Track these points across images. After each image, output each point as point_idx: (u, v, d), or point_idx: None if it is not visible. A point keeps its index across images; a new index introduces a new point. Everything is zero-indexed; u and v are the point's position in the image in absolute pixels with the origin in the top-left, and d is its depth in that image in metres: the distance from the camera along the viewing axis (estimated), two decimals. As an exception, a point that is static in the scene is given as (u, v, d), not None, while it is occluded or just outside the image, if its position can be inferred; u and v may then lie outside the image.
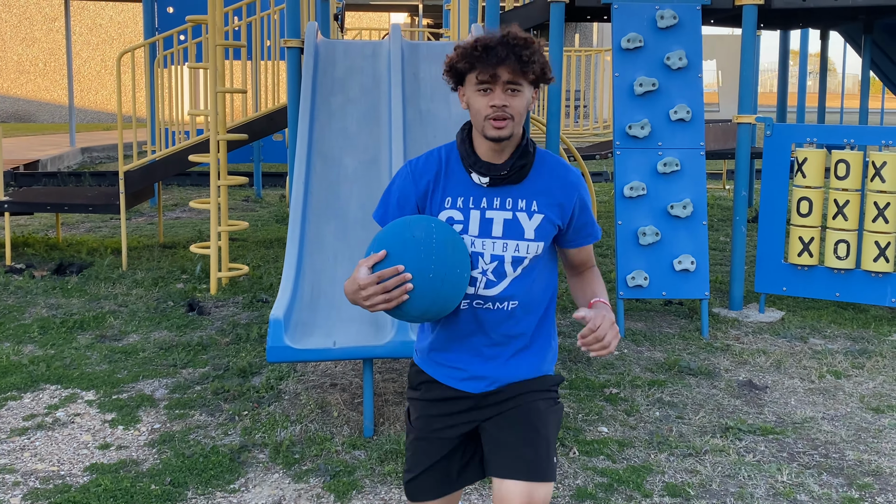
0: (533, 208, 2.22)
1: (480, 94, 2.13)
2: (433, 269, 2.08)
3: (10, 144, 15.74)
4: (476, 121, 2.17)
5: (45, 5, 24.16)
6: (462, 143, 2.24)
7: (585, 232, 2.33)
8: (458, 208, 2.22)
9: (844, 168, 5.81)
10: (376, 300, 2.07)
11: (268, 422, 4.15)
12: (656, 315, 6.14)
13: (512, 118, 2.12)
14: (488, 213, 2.21)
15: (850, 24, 8.55)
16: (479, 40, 2.11)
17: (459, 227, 2.21)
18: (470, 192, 2.23)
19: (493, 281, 2.22)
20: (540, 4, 6.56)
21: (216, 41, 6.55)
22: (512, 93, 2.11)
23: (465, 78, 2.17)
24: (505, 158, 2.20)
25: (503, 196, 2.22)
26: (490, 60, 2.08)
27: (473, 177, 2.22)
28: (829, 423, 4.26)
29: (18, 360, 5.01)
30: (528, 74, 2.11)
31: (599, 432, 4.10)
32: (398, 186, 2.29)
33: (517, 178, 2.21)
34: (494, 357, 2.30)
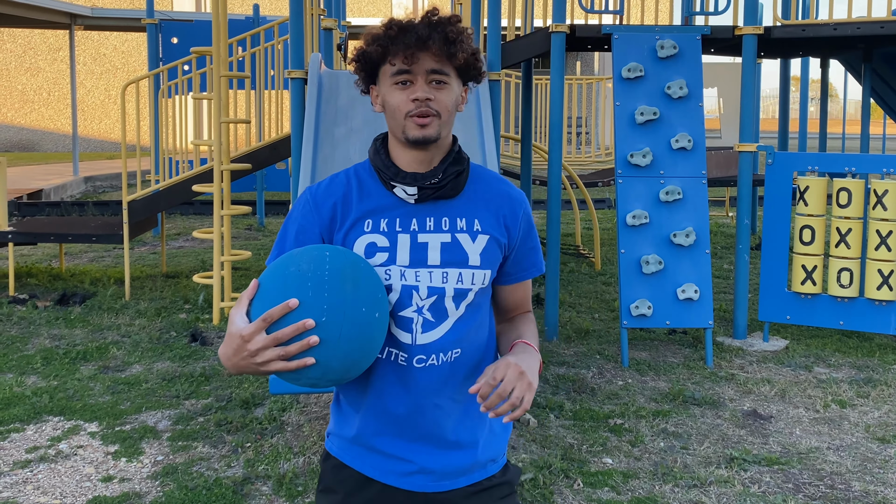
0: (476, 228, 1.78)
1: (398, 88, 1.71)
2: (328, 311, 1.57)
3: (13, 174, 15.81)
4: (394, 122, 1.73)
5: (49, 35, 24.36)
6: (377, 154, 1.79)
7: (529, 261, 1.88)
8: (382, 232, 1.76)
9: (846, 196, 5.82)
10: (268, 356, 1.55)
11: (271, 454, 4.13)
12: (660, 344, 6.13)
13: (438, 115, 1.71)
14: (421, 237, 1.76)
15: (850, 52, 8.60)
16: (394, 20, 1.72)
17: (385, 255, 1.74)
18: (395, 212, 1.77)
19: (431, 322, 1.75)
20: (541, 34, 6.61)
21: (220, 72, 6.60)
22: (437, 85, 1.71)
23: (377, 71, 1.76)
24: (433, 167, 1.77)
25: (437, 214, 1.77)
26: (409, 40, 1.68)
27: (397, 191, 1.76)
28: (834, 454, 4.24)
29: (21, 392, 5.00)
30: (457, 57, 1.70)
31: (604, 463, 4.08)
32: (295, 219, 1.81)
33: (452, 189, 1.78)
34: (448, 441, 1.81)
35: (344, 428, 1.85)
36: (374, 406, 1.79)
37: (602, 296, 7.60)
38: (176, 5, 24.65)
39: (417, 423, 1.78)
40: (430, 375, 1.77)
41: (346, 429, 1.84)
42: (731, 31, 6.31)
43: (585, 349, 5.94)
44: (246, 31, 8.58)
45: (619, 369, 5.52)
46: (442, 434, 1.80)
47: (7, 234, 7.49)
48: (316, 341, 1.55)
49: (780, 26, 6.60)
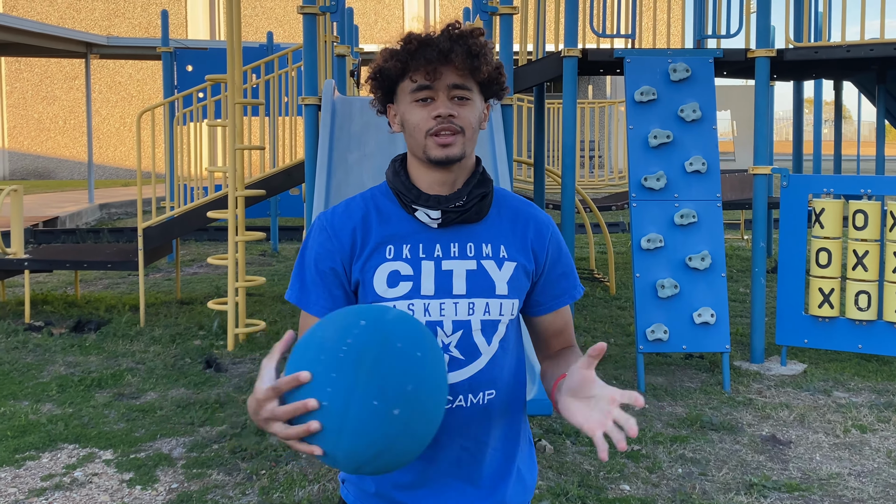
0: (502, 254, 1.67)
1: (418, 106, 1.61)
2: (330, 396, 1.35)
3: (29, 201, 15.93)
4: (414, 141, 1.63)
5: (65, 64, 24.65)
6: (397, 176, 1.68)
7: (561, 287, 1.75)
8: (405, 259, 1.63)
9: (862, 218, 5.78)
10: (275, 428, 1.39)
11: (286, 481, 4.11)
12: (677, 369, 6.08)
13: (462, 132, 1.60)
14: (445, 264, 1.64)
15: (863, 74, 8.59)
16: (413, 34, 1.61)
17: (409, 285, 1.62)
18: (417, 237, 1.65)
19: (459, 360, 1.62)
20: (553, 58, 6.63)
21: (235, 99, 6.64)
22: (460, 101, 1.61)
23: (395, 88, 1.65)
24: (457, 189, 1.66)
25: (461, 240, 1.66)
26: (430, 55, 1.57)
27: (419, 215, 1.65)
28: (855, 480, 4.18)
29: (37, 419, 5.00)
30: (480, 71, 1.60)
31: (621, 490, 4.03)
32: (313, 249, 1.68)
33: (477, 213, 1.66)
34: (474, 488, 1.67)
35: (363, 479, 1.69)
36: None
37: (617, 320, 7.56)
38: (191, 33, 24.92)
39: (442, 469, 1.65)
40: (457, 417, 1.63)
41: (366, 480, 1.69)
42: (743, 53, 6.31)
43: (601, 374, 5.90)
44: (260, 59, 8.65)
45: (635, 394, 5.47)
46: (468, 478, 1.67)
47: (23, 262, 7.53)
48: (316, 428, 1.35)
49: (793, 49, 6.60)
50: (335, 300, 1.67)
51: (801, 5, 7.34)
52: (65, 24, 23.88)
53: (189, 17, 25.27)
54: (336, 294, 1.67)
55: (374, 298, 1.63)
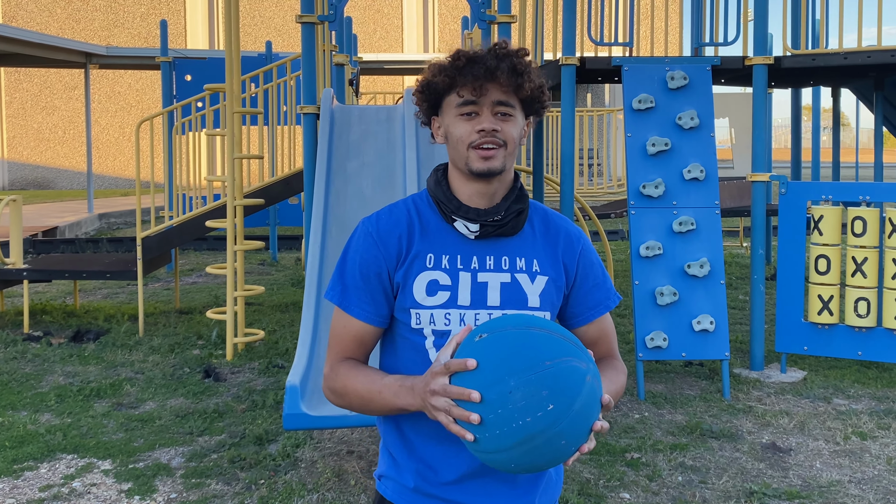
0: (535, 268, 1.75)
1: (463, 119, 1.69)
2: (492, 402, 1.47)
3: (29, 211, 15.93)
4: (457, 153, 1.71)
5: (65, 74, 24.69)
6: (438, 185, 1.75)
7: (595, 299, 1.82)
8: (444, 269, 1.71)
9: (861, 225, 5.78)
10: (438, 402, 1.53)
11: (284, 491, 4.10)
12: (677, 377, 6.07)
13: (504, 145, 1.68)
14: (481, 276, 1.72)
15: (861, 81, 8.60)
16: (462, 51, 1.69)
17: (446, 294, 1.70)
18: (455, 248, 1.73)
19: None
20: (551, 67, 6.64)
21: (233, 108, 6.65)
22: (503, 117, 1.69)
23: (442, 102, 1.73)
24: (496, 203, 1.74)
25: (497, 253, 1.74)
26: (477, 72, 1.66)
27: (458, 226, 1.73)
28: (856, 487, 4.17)
29: (35, 430, 4.99)
30: (524, 88, 1.68)
31: (621, 498, 4.02)
32: (358, 252, 1.75)
33: (513, 227, 1.74)
34: (508, 492, 1.75)
35: (402, 475, 1.77)
36: (432, 456, 1.73)
37: (617, 328, 7.54)
38: (189, 43, 24.96)
39: (480, 471, 1.72)
40: None
41: (404, 476, 1.76)
42: (741, 61, 6.32)
43: (601, 382, 5.88)
44: (259, 68, 8.67)
45: (635, 402, 5.47)
46: (503, 481, 1.73)
47: (22, 272, 7.52)
48: (476, 419, 1.47)
49: (790, 56, 6.61)
50: (377, 305, 1.75)
51: (799, 13, 7.36)
52: (64, 35, 23.92)
53: (188, 27, 25.32)
54: (378, 299, 1.74)
55: (412, 305, 1.71)
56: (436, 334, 1.71)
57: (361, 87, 17.52)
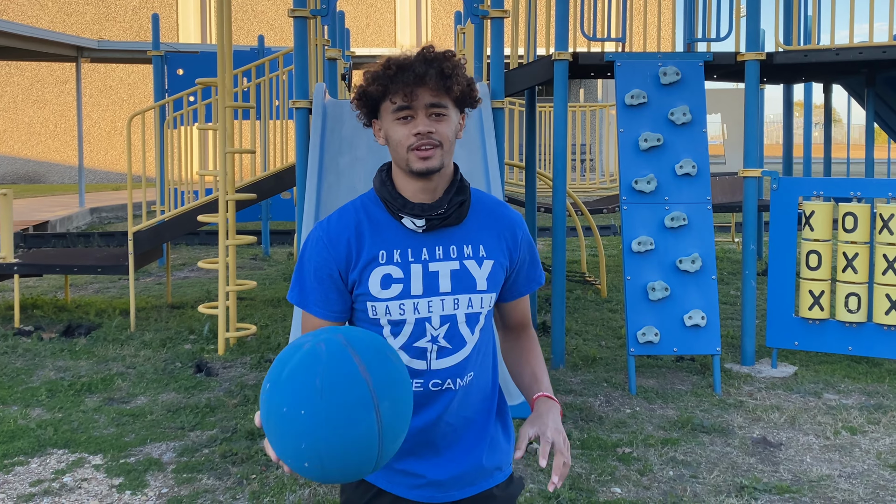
0: (481, 253, 1.90)
1: (400, 123, 1.80)
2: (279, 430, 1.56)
3: (20, 205, 15.87)
4: (398, 155, 1.83)
5: (56, 68, 24.58)
6: (383, 185, 1.88)
7: (531, 276, 2.00)
8: (396, 263, 1.85)
9: (852, 221, 5.81)
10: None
11: (276, 485, 4.10)
12: (668, 371, 6.09)
13: (440, 145, 1.80)
14: (432, 266, 1.86)
15: (853, 77, 8.62)
16: (392, 59, 1.81)
17: (399, 286, 1.84)
18: (405, 242, 1.87)
19: (447, 349, 1.88)
20: (544, 62, 6.63)
21: (225, 102, 6.63)
22: (437, 118, 1.80)
23: (378, 107, 1.85)
24: (438, 197, 1.87)
25: (444, 243, 1.88)
26: (407, 79, 1.77)
27: (405, 222, 1.86)
28: (846, 482, 4.19)
29: (26, 424, 4.98)
30: (453, 90, 1.80)
31: (612, 493, 4.03)
32: (311, 257, 1.88)
33: (457, 218, 1.88)
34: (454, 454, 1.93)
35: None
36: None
37: (609, 323, 7.57)
38: (181, 37, 24.88)
39: (427, 441, 1.90)
40: (444, 398, 1.89)
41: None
42: (733, 57, 6.33)
43: (592, 377, 5.90)
44: (251, 62, 8.64)
45: (626, 397, 5.48)
46: (449, 447, 1.92)
47: (13, 266, 7.50)
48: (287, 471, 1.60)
49: (783, 52, 6.62)
50: (331, 303, 1.89)
51: (791, 9, 7.37)
52: (55, 28, 23.81)
53: (180, 21, 25.23)
54: (331, 297, 1.89)
55: (369, 298, 1.86)
56: (391, 324, 1.87)
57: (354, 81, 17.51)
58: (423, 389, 1.87)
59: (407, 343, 1.87)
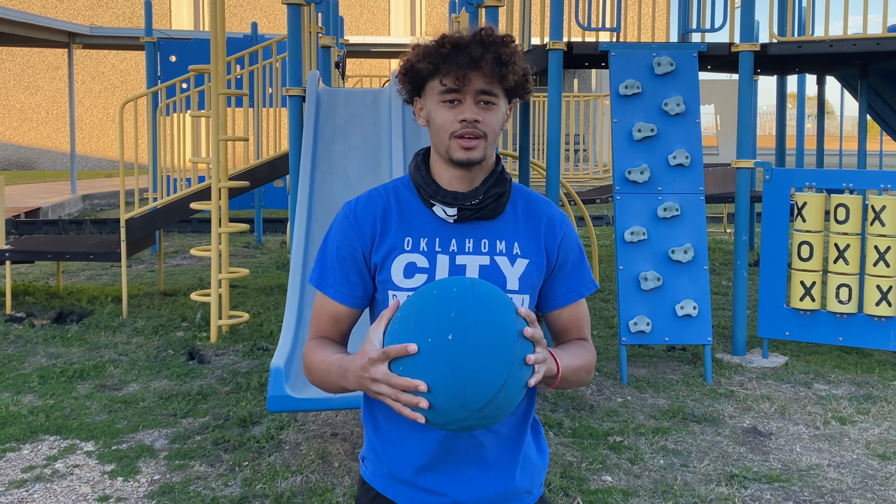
0: (515, 251, 1.74)
1: (446, 107, 1.68)
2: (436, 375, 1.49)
3: (11, 192, 15.81)
4: (438, 140, 1.71)
5: (48, 54, 24.44)
6: (418, 170, 1.76)
7: (576, 281, 1.82)
8: (422, 251, 1.72)
9: (844, 212, 5.83)
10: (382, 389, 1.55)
11: (268, 472, 4.11)
12: (659, 361, 6.11)
13: (485, 136, 1.68)
14: (459, 259, 1.72)
15: (846, 69, 8.63)
16: (447, 37, 1.67)
17: (423, 276, 1.71)
18: (434, 231, 1.74)
19: None
20: (539, 51, 6.63)
21: (218, 90, 6.61)
22: (485, 105, 1.68)
23: (425, 85, 1.72)
24: (475, 187, 1.74)
25: (476, 236, 1.74)
26: (461, 61, 1.64)
27: (436, 210, 1.73)
28: (835, 471, 4.22)
29: (17, 411, 4.98)
30: (508, 79, 1.67)
31: (603, 481, 4.05)
32: (335, 236, 1.78)
33: (492, 211, 1.74)
34: (483, 473, 1.74)
35: (379, 459, 1.78)
36: (406, 440, 1.73)
37: (601, 312, 7.59)
38: (174, 23, 24.76)
39: (451, 454, 1.72)
40: None
41: (381, 461, 1.78)
42: (727, 48, 6.33)
43: (584, 366, 5.91)
44: (244, 49, 8.61)
45: (618, 386, 5.50)
46: (477, 464, 1.74)
47: (4, 253, 7.47)
48: (426, 405, 1.48)
49: (777, 43, 6.63)
50: (351, 286, 1.77)
51: (785, 0, 7.37)
52: (47, 14, 23.68)
53: (173, 7, 25.11)
54: (353, 280, 1.77)
55: (391, 286, 1.73)
56: None
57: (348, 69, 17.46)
58: None
59: None
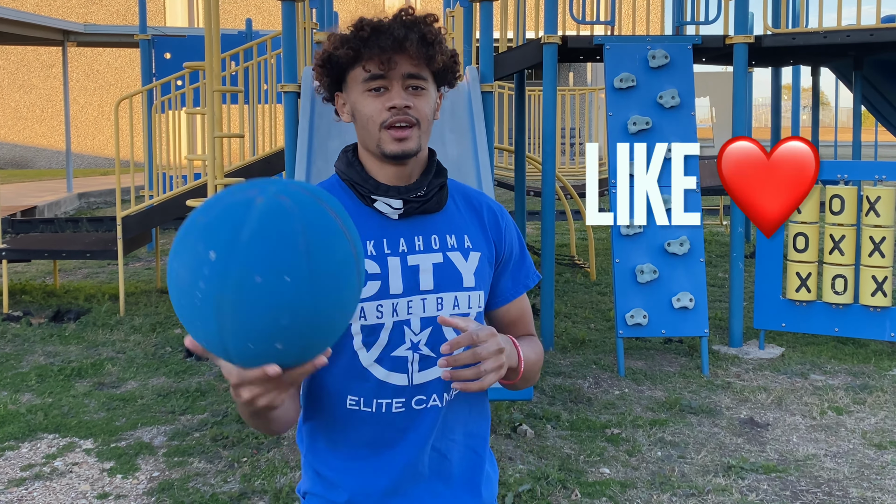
0: (466, 244, 1.60)
1: (371, 96, 1.52)
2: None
3: (7, 191, 15.79)
4: (367, 134, 1.54)
5: (42, 52, 24.38)
6: (351, 167, 1.58)
7: (522, 273, 1.69)
8: (370, 256, 1.54)
9: (839, 203, 5.84)
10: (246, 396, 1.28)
11: (267, 468, 4.12)
12: (656, 353, 6.13)
13: (418, 124, 1.53)
14: (411, 259, 1.56)
15: (840, 60, 8.64)
16: (365, 20, 1.52)
17: (377, 284, 1.52)
18: (379, 232, 1.56)
19: (430, 358, 1.55)
20: (533, 45, 6.63)
21: (213, 87, 6.60)
22: (414, 91, 1.53)
23: (346, 76, 1.56)
24: (413, 181, 1.59)
25: (424, 232, 1.58)
26: (384, 43, 1.49)
27: (379, 206, 1.56)
28: (831, 461, 4.23)
29: (16, 410, 4.98)
30: (436, 60, 1.53)
31: (601, 473, 4.07)
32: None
33: (437, 202, 1.59)
34: (446, 483, 1.61)
35: (330, 491, 1.61)
36: (364, 467, 1.57)
37: (597, 305, 7.60)
38: (169, 20, 24.71)
39: (417, 474, 1.58)
40: (430, 418, 1.57)
41: (334, 493, 1.60)
42: (721, 40, 6.34)
43: (581, 359, 5.93)
44: (239, 46, 8.60)
45: (615, 379, 5.52)
46: (441, 479, 1.61)
47: (1, 252, 7.47)
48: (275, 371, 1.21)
49: (771, 35, 6.64)
50: None
51: (779, -8, 7.37)
52: (41, 12, 23.61)
53: (167, 4, 25.05)
54: None
55: None
56: (364, 331, 1.53)
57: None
58: (405, 410, 1.54)
59: (384, 353, 1.53)
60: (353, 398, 1.56)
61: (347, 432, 1.58)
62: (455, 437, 1.61)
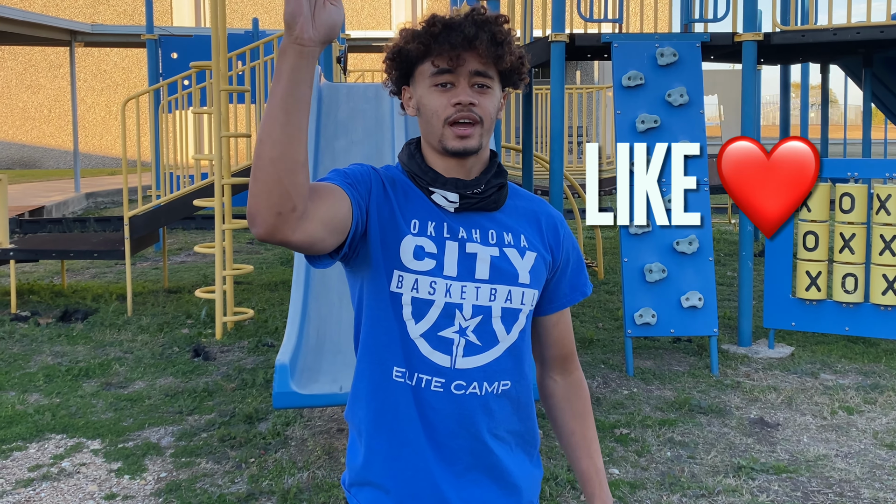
0: (523, 244, 1.63)
1: (438, 91, 1.56)
2: None
3: (15, 191, 15.82)
4: (430, 129, 1.58)
5: (50, 52, 24.44)
6: (412, 158, 1.62)
7: (577, 282, 1.74)
8: (430, 236, 1.58)
9: (849, 201, 5.80)
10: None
11: (275, 469, 4.10)
12: (665, 353, 6.10)
13: (481, 122, 1.56)
14: (469, 247, 1.59)
15: (850, 57, 8.59)
16: (437, 17, 1.55)
17: (432, 262, 1.56)
18: (439, 218, 1.60)
19: (476, 346, 1.58)
20: (541, 44, 6.60)
21: (220, 86, 6.60)
22: (480, 89, 1.56)
23: (414, 71, 1.60)
24: (474, 176, 1.62)
25: (482, 227, 1.61)
26: (454, 40, 1.52)
27: (436, 198, 1.59)
28: (842, 461, 4.20)
29: (24, 410, 4.98)
30: (504, 60, 1.55)
31: (611, 474, 4.05)
32: (356, 168, 1.61)
33: (495, 201, 1.62)
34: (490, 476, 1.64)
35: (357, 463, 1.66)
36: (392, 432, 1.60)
37: (606, 305, 7.57)
38: (175, 20, 24.74)
39: (463, 462, 1.60)
40: (470, 405, 1.58)
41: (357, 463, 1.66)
42: (730, 37, 6.30)
43: (590, 359, 5.91)
44: (245, 45, 8.59)
45: (624, 378, 5.49)
46: (490, 475, 1.63)
47: (9, 252, 7.48)
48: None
49: (780, 32, 6.60)
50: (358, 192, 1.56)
51: (788, -11, 7.33)
52: (48, 12, 23.66)
53: (174, 4, 25.09)
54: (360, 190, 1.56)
55: (398, 266, 1.57)
56: (414, 303, 1.57)
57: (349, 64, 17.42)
58: (443, 391, 1.57)
59: (430, 330, 1.57)
60: (400, 370, 1.59)
61: (390, 408, 1.60)
62: (502, 434, 1.63)
